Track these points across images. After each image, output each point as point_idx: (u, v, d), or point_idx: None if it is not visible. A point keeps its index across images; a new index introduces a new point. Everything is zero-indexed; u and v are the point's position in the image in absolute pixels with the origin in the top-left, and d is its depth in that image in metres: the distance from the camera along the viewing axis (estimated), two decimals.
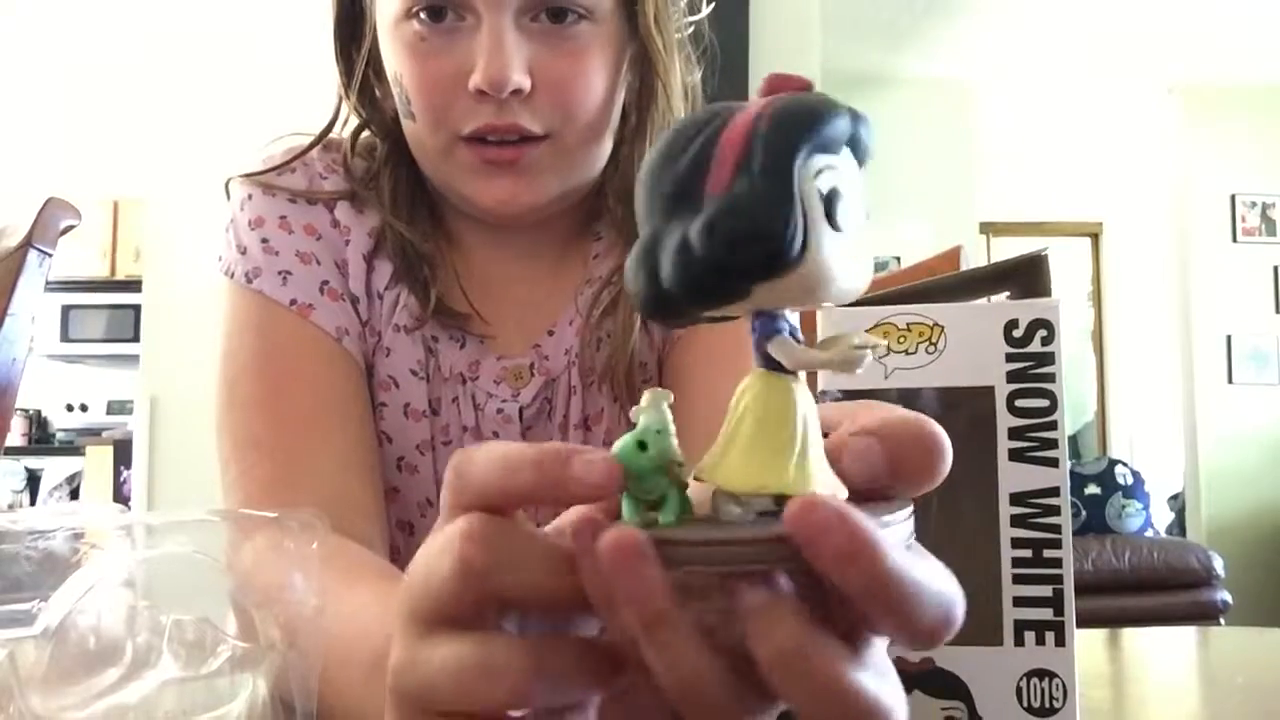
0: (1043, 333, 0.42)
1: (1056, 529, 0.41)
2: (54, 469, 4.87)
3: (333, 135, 0.79)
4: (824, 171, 0.28)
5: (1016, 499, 0.41)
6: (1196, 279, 4.95)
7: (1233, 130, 5.00)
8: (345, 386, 0.72)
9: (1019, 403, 0.42)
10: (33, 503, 4.78)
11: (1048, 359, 0.42)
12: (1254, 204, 4.98)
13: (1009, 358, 0.42)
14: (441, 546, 0.29)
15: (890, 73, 4.90)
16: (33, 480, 4.91)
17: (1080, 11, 4.28)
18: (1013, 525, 0.41)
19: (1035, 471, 0.41)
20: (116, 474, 4.17)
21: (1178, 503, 5.20)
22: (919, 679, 0.41)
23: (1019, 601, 0.41)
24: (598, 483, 0.28)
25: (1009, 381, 0.42)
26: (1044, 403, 0.41)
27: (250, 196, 0.76)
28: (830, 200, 0.27)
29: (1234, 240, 4.97)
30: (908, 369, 0.42)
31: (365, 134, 0.79)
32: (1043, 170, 6.09)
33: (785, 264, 0.27)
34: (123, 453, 4.00)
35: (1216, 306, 4.90)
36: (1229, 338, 4.91)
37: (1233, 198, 4.97)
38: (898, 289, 0.47)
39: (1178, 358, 5.06)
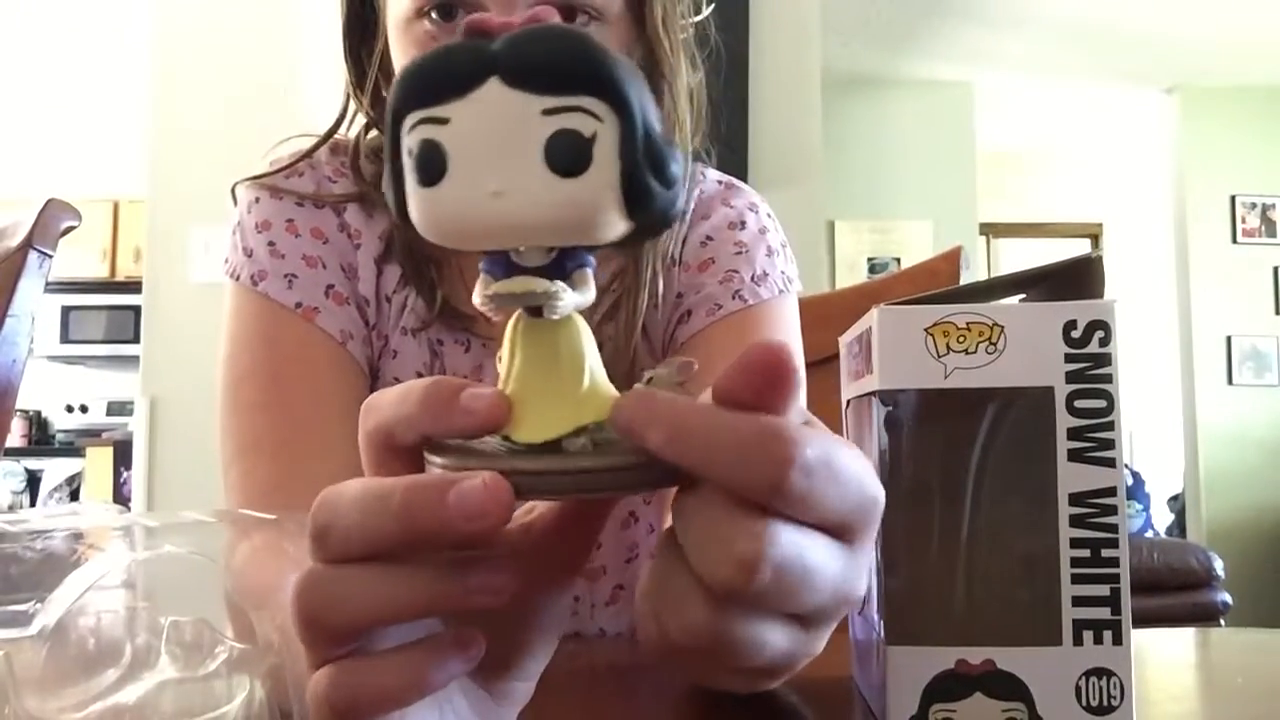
0: (1100, 333, 0.42)
1: (1114, 528, 0.42)
2: (54, 470, 4.87)
3: (340, 138, 0.79)
4: (418, 127, 0.28)
5: (1075, 499, 0.42)
6: (1196, 279, 4.95)
7: (1233, 130, 5.00)
8: (348, 390, 0.72)
9: (1078, 403, 0.42)
10: (33, 504, 4.78)
11: (1105, 360, 0.42)
12: (1254, 205, 4.98)
13: (1068, 358, 0.42)
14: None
15: (891, 74, 4.90)
16: (33, 481, 4.91)
17: (1080, 12, 4.28)
18: (1072, 525, 0.42)
19: (1094, 472, 0.42)
20: (116, 475, 4.17)
21: (1178, 504, 5.20)
22: (981, 682, 0.42)
23: (1078, 601, 0.42)
24: (484, 414, 0.29)
25: (1068, 382, 0.42)
26: (1102, 403, 0.42)
27: (257, 200, 0.76)
28: (422, 157, 0.28)
29: (1234, 241, 4.97)
30: (967, 368, 0.42)
31: (372, 135, 0.79)
32: (1043, 171, 6.09)
33: (402, 217, 0.30)
34: (123, 454, 4.00)
35: (1216, 307, 4.90)
36: (1229, 338, 4.91)
37: (1233, 198, 4.97)
38: (946, 289, 0.47)
39: (1178, 358, 5.06)
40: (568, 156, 0.27)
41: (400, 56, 0.71)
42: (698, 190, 0.80)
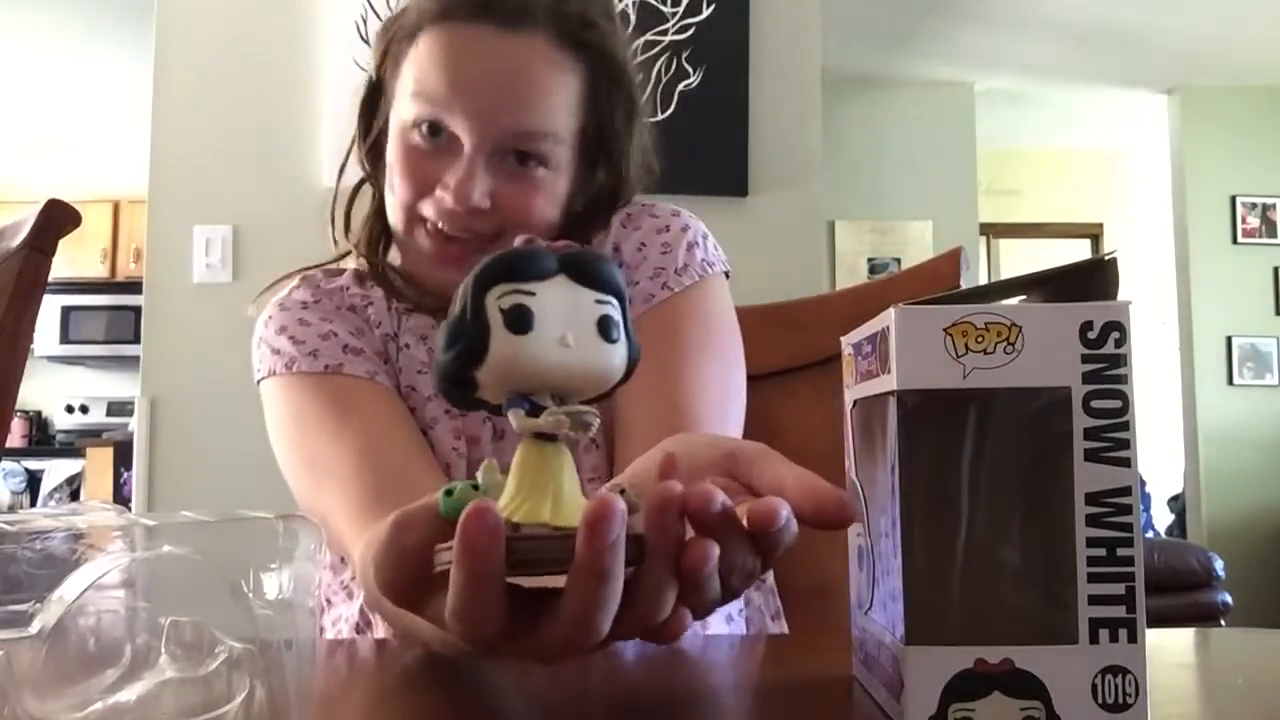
0: (1115, 334, 0.42)
1: (1129, 527, 0.42)
2: (54, 470, 4.87)
3: (329, 270, 0.97)
4: (507, 295, 0.41)
5: (1092, 499, 0.42)
6: (1196, 279, 4.95)
7: (1233, 130, 5.00)
8: (393, 406, 0.86)
9: (1094, 403, 0.42)
10: (33, 504, 4.78)
11: (1121, 360, 0.42)
12: (1254, 205, 4.99)
13: (1084, 359, 0.42)
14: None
15: (891, 73, 4.90)
16: (33, 481, 4.91)
17: (1080, 13, 4.28)
18: (1088, 525, 0.42)
19: (1110, 471, 0.42)
20: (117, 475, 4.17)
21: (1178, 504, 5.20)
22: (999, 681, 0.42)
23: (1094, 600, 0.42)
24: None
25: (1085, 382, 0.42)
26: (1117, 404, 0.42)
27: (270, 316, 0.91)
28: (512, 314, 0.40)
29: (1234, 241, 4.97)
30: (986, 368, 0.42)
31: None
32: (1043, 171, 6.10)
33: (470, 360, 0.41)
34: (123, 454, 4.00)
35: (1216, 307, 4.91)
36: (1229, 338, 4.91)
37: (1233, 198, 4.98)
38: (962, 290, 0.48)
39: (1178, 358, 5.07)
40: (608, 330, 0.42)
41: (392, 146, 0.87)
42: (623, 210, 0.94)
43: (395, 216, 0.88)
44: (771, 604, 0.95)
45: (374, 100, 0.91)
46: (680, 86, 2.45)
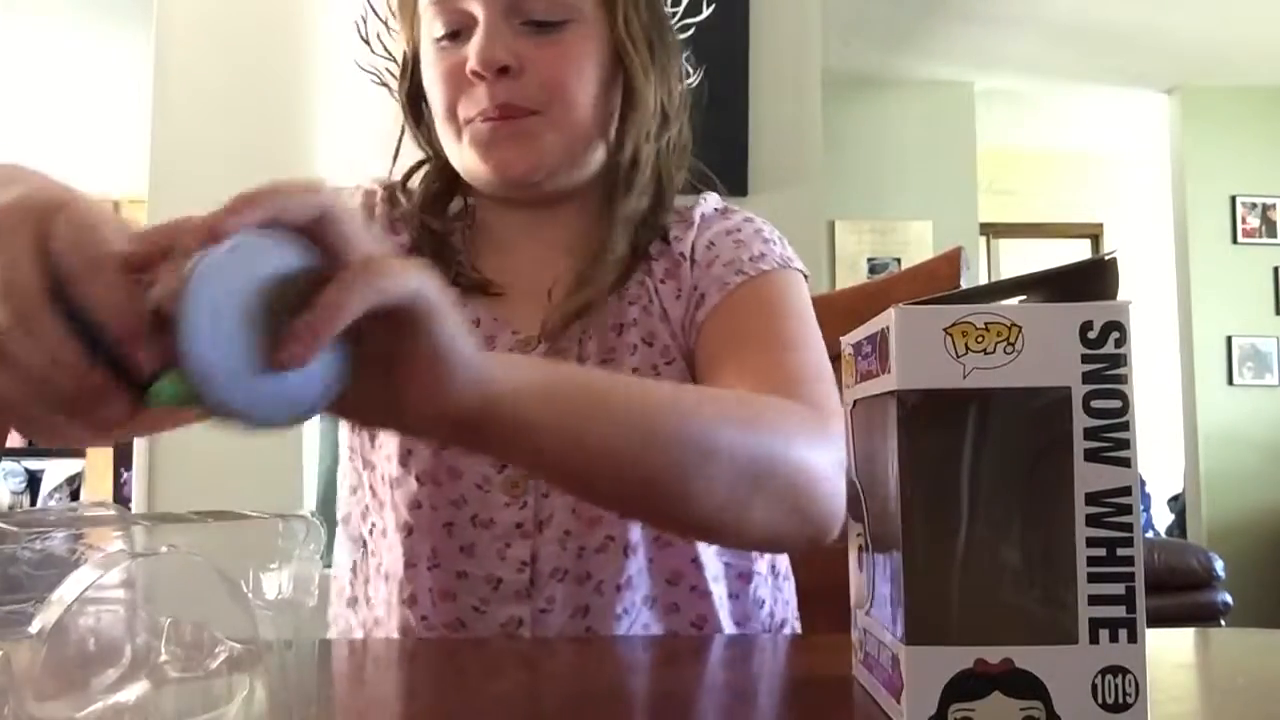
0: (1115, 334, 0.42)
1: (1129, 527, 0.42)
2: (54, 470, 4.86)
3: (387, 183, 0.93)
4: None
5: (1092, 499, 0.42)
6: (1196, 279, 4.95)
7: (1233, 130, 5.00)
8: None
9: (1094, 403, 0.42)
10: (33, 504, 4.78)
11: (1121, 360, 0.42)
12: (1254, 205, 4.98)
13: (1084, 359, 0.42)
14: None
15: (891, 74, 4.90)
16: (33, 481, 4.90)
17: (1080, 12, 4.28)
18: (1088, 525, 0.42)
19: (1109, 471, 0.42)
20: (117, 475, 4.17)
21: (1178, 504, 5.20)
22: (999, 681, 0.42)
23: (1094, 600, 0.42)
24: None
25: (1085, 382, 0.42)
26: (1117, 404, 0.42)
27: None
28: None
29: (1234, 241, 4.97)
30: (986, 368, 0.42)
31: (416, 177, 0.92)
32: (1043, 171, 6.10)
33: None
34: (123, 454, 3.99)
35: (1216, 307, 4.90)
36: (1229, 338, 4.91)
37: (1233, 198, 4.97)
38: (962, 290, 0.48)
39: (1178, 358, 5.06)
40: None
41: (427, 68, 0.85)
42: (699, 211, 0.92)
43: (444, 132, 0.85)
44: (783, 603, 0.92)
45: (414, 78, 0.89)
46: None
